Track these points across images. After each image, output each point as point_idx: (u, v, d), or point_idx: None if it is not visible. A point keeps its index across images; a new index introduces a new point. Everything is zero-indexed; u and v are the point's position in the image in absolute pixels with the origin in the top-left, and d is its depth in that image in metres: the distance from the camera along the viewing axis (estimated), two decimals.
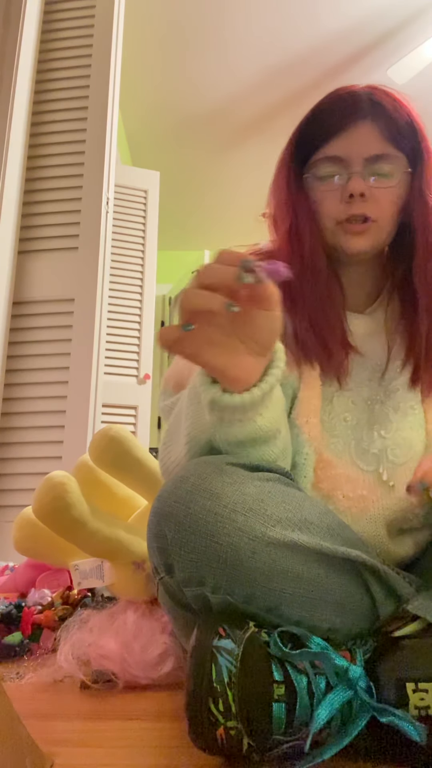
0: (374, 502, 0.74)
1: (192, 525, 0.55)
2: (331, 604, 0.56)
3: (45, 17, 2.11)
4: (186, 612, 0.58)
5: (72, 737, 0.61)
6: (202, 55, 2.97)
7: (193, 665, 0.49)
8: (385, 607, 0.58)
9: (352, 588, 0.57)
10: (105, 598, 1.03)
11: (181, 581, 0.56)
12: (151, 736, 0.60)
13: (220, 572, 0.54)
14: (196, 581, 0.55)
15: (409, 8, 2.69)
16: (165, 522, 0.57)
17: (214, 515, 0.55)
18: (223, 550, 0.54)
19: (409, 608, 0.56)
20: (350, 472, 0.75)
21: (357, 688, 0.49)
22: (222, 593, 0.54)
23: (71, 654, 0.80)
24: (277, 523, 0.56)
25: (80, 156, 1.99)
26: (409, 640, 0.53)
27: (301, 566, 0.55)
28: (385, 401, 0.79)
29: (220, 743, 0.48)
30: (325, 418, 0.77)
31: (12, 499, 1.71)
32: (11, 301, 1.85)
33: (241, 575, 0.54)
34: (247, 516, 0.55)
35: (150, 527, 0.59)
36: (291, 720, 0.49)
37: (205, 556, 0.54)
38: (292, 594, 0.55)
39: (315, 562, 0.56)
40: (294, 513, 0.57)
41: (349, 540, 0.61)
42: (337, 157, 0.76)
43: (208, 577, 0.54)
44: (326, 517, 0.61)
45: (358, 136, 0.75)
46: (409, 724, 0.47)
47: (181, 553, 0.55)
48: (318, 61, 2.98)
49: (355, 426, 0.77)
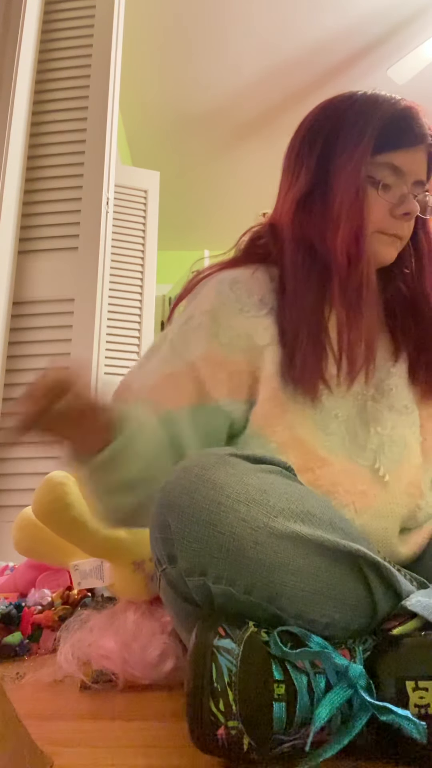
0: (375, 497, 0.74)
1: (195, 514, 0.55)
2: (331, 598, 0.56)
3: (45, 17, 2.11)
4: (187, 604, 0.58)
5: (72, 737, 0.61)
6: (202, 55, 2.97)
7: (193, 665, 0.49)
8: (384, 604, 0.58)
9: (352, 583, 0.58)
10: (105, 598, 1.03)
11: (184, 571, 0.56)
12: (151, 736, 0.60)
13: (222, 562, 0.54)
14: (199, 571, 0.55)
15: (409, 8, 2.69)
16: (168, 512, 0.57)
17: (217, 505, 0.55)
18: (226, 540, 0.54)
19: (408, 605, 0.56)
20: (348, 467, 0.75)
21: (357, 686, 0.49)
22: (223, 584, 0.55)
23: (71, 654, 0.81)
24: (280, 514, 0.56)
25: (80, 156, 1.99)
26: (409, 639, 0.53)
27: (302, 558, 0.55)
28: (378, 399, 0.79)
29: (221, 743, 0.48)
30: (317, 417, 0.76)
31: (12, 499, 1.71)
32: (11, 301, 1.85)
33: (243, 565, 0.54)
34: (250, 506, 0.56)
35: (154, 518, 0.59)
36: (291, 719, 0.49)
37: (208, 545, 0.55)
38: (293, 586, 0.55)
39: (316, 555, 0.56)
40: (296, 505, 0.58)
41: (350, 534, 0.61)
42: (399, 169, 0.76)
43: (210, 567, 0.55)
44: (328, 510, 0.61)
45: (419, 158, 0.77)
46: (410, 722, 0.47)
47: (184, 542, 0.56)
48: (318, 61, 2.99)
49: (348, 421, 0.77)
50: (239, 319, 0.77)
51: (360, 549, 0.57)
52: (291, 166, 0.83)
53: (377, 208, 0.77)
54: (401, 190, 0.77)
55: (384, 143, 0.76)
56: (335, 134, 0.78)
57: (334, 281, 0.77)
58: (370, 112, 0.77)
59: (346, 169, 0.76)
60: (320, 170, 0.79)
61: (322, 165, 0.79)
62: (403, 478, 0.77)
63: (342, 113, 0.79)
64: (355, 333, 0.76)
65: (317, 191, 0.79)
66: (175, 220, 3.70)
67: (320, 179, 0.79)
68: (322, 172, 0.79)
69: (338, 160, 0.77)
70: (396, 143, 0.76)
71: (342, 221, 0.76)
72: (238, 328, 0.77)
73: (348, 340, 0.76)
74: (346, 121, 0.78)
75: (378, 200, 0.77)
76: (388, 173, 0.77)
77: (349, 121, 0.77)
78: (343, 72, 3.03)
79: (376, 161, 0.76)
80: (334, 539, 0.56)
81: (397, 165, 0.76)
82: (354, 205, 0.75)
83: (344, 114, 0.78)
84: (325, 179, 0.78)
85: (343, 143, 0.77)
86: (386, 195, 0.77)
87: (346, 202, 0.76)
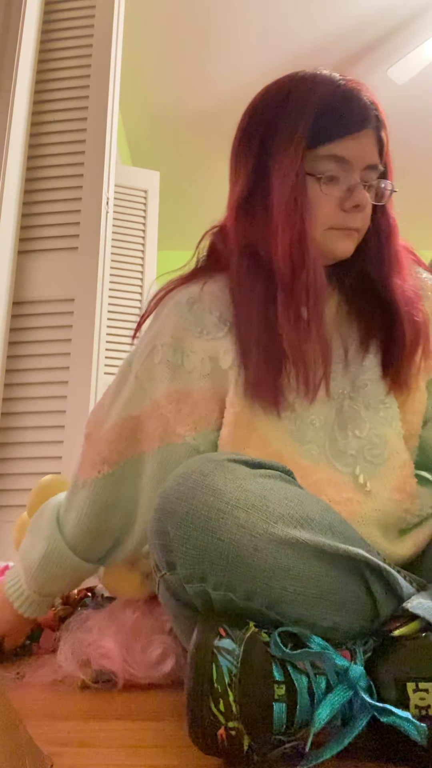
0: (360, 504, 0.72)
1: (194, 521, 0.55)
2: (332, 602, 0.56)
3: (45, 17, 2.11)
4: (187, 610, 0.58)
5: (72, 737, 0.61)
6: (202, 55, 2.97)
7: (194, 665, 0.49)
8: (385, 606, 0.58)
9: (352, 586, 0.57)
10: (105, 598, 1.02)
11: (183, 577, 0.56)
12: (151, 736, 0.60)
13: (222, 568, 0.54)
14: (198, 577, 0.55)
15: (409, 8, 2.69)
16: (167, 519, 0.57)
17: (216, 511, 0.55)
18: (225, 547, 0.54)
19: (409, 607, 0.56)
20: (330, 475, 0.73)
21: (357, 687, 0.49)
22: (223, 590, 0.54)
23: (71, 654, 0.80)
24: (279, 520, 0.56)
25: (80, 156, 1.98)
26: (410, 640, 0.53)
27: (302, 564, 0.55)
28: (354, 397, 0.76)
29: (221, 743, 0.48)
30: (293, 427, 0.74)
31: (12, 499, 1.71)
32: (11, 301, 1.84)
33: (243, 572, 0.54)
34: (249, 512, 0.55)
35: (152, 524, 0.59)
36: (291, 720, 0.49)
37: (207, 552, 0.54)
38: (293, 591, 0.55)
39: (316, 560, 0.56)
40: (296, 510, 0.57)
41: (350, 538, 0.61)
42: (343, 159, 0.71)
43: (210, 573, 0.55)
44: (328, 514, 0.61)
45: (365, 143, 0.72)
46: (410, 724, 0.47)
47: (183, 549, 0.55)
48: (318, 61, 2.95)
49: (325, 426, 0.75)
50: (200, 342, 0.76)
51: (360, 553, 0.57)
52: (232, 168, 0.79)
53: (324, 203, 0.72)
54: (349, 182, 0.72)
55: (322, 134, 0.70)
56: (271, 130, 0.73)
57: (278, 290, 0.72)
58: (305, 101, 0.71)
59: (282, 169, 0.71)
60: (259, 171, 0.74)
61: (261, 165, 0.74)
62: (386, 483, 0.74)
63: (277, 106, 0.74)
64: (307, 345, 0.72)
65: (257, 194, 0.74)
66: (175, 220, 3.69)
67: (259, 181, 0.74)
68: (261, 173, 0.74)
69: (274, 159, 0.72)
70: (335, 132, 0.70)
71: (280, 225, 0.71)
72: (200, 352, 0.76)
73: (300, 354, 0.72)
74: (281, 115, 0.73)
75: (324, 196, 0.71)
76: (333, 165, 0.71)
77: (284, 115, 0.72)
78: (344, 72, 3.02)
79: (318, 154, 0.71)
80: (334, 544, 0.56)
81: (340, 155, 0.71)
82: (291, 207, 0.71)
83: (280, 107, 0.73)
84: (264, 181, 0.74)
85: (279, 140, 0.72)
86: (333, 189, 0.72)
87: (283, 204, 0.71)
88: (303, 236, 0.70)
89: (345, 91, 0.72)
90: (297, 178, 0.71)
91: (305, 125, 0.70)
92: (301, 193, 0.71)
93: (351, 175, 0.72)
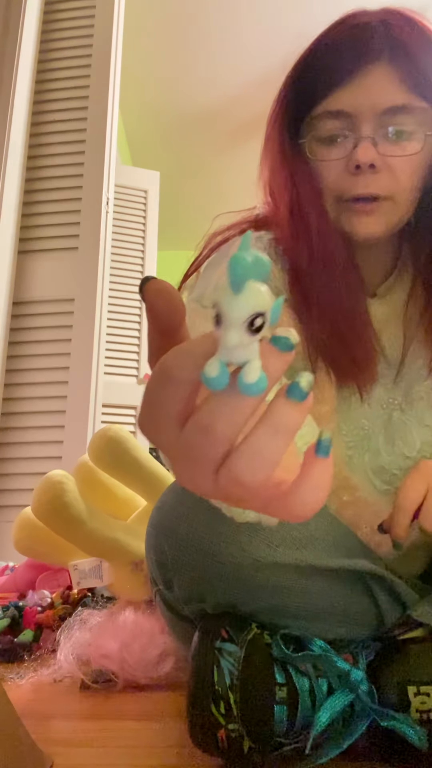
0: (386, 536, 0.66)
1: (194, 543, 0.53)
2: (336, 615, 0.55)
3: (45, 17, 2.11)
4: (185, 623, 0.57)
5: (72, 737, 0.61)
6: (202, 55, 2.97)
7: (195, 667, 0.49)
8: (390, 615, 0.57)
9: (357, 597, 0.56)
10: (105, 598, 1.02)
11: (181, 598, 0.55)
12: (151, 736, 0.60)
13: (222, 591, 0.53)
14: (197, 598, 0.54)
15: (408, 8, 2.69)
16: (165, 538, 0.55)
17: (218, 534, 0.53)
18: (226, 570, 0.52)
19: (414, 615, 0.55)
20: (369, 495, 0.64)
21: (358, 691, 0.49)
22: (222, 609, 0.53)
23: (71, 654, 0.80)
24: (282, 543, 0.53)
25: (80, 156, 1.99)
26: (412, 645, 0.53)
27: (305, 581, 0.54)
28: (405, 410, 0.64)
29: (221, 745, 0.48)
30: (344, 426, 0.63)
31: (12, 499, 1.71)
32: (11, 301, 1.84)
33: (244, 593, 0.53)
34: (252, 536, 0.53)
35: (149, 538, 0.58)
36: (292, 722, 0.49)
37: (207, 574, 0.53)
38: (296, 607, 0.54)
39: (319, 576, 0.54)
40: (299, 530, 0.55)
41: (353, 549, 0.59)
42: (342, 112, 0.57)
43: (209, 594, 0.53)
44: (332, 528, 0.58)
45: (371, 83, 0.56)
46: (410, 728, 0.47)
47: (182, 571, 0.54)
48: None
49: (370, 435, 0.64)
50: None
51: (365, 564, 0.55)
52: None
53: (329, 172, 0.59)
54: (348, 139, 0.57)
55: (310, 92, 0.59)
56: None
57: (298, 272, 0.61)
58: (295, 63, 0.61)
59: (267, 144, 0.62)
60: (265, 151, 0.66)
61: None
62: None
63: None
64: (335, 348, 0.61)
65: (273, 184, 0.65)
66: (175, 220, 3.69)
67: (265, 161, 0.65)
68: (263, 154, 0.66)
69: (267, 140, 0.64)
70: (326, 85, 0.57)
71: (279, 206, 0.61)
72: None
73: (332, 356, 0.61)
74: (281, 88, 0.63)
75: (326, 163, 0.59)
76: (332, 123, 0.58)
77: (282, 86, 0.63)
78: None
79: (315, 116, 0.59)
80: (339, 562, 0.54)
81: (336, 109, 0.57)
82: (278, 184, 0.61)
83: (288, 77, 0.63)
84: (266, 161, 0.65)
85: (270, 115, 0.64)
86: (332, 150, 0.58)
87: (273, 185, 0.62)
88: (298, 209, 0.60)
89: (338, 29, 0.59)
90: (278, 152, 0.62)
91: (285, 89, 0.62)
92: (285, 167, 0.61)
93: (356, 131, 0.57)
